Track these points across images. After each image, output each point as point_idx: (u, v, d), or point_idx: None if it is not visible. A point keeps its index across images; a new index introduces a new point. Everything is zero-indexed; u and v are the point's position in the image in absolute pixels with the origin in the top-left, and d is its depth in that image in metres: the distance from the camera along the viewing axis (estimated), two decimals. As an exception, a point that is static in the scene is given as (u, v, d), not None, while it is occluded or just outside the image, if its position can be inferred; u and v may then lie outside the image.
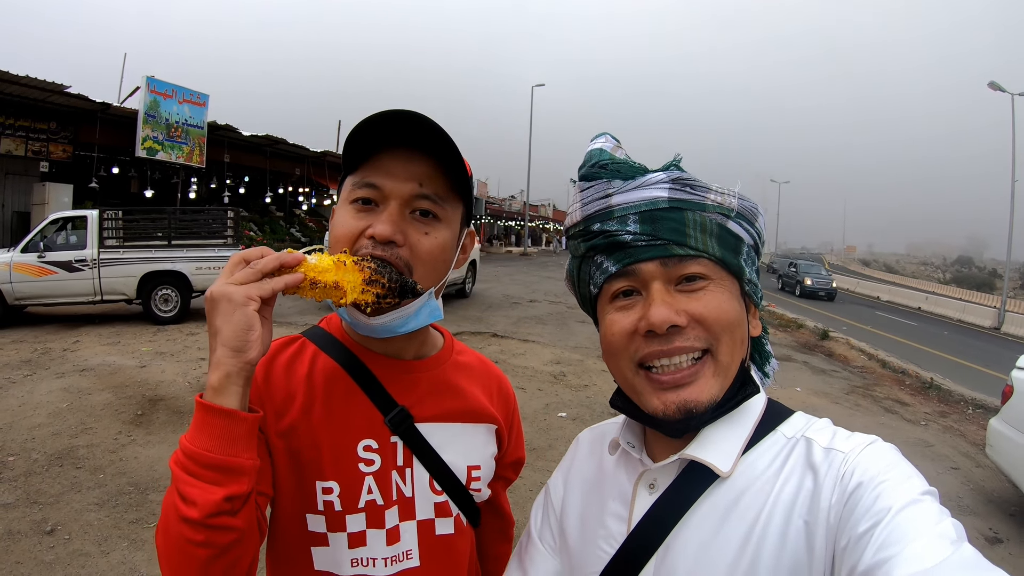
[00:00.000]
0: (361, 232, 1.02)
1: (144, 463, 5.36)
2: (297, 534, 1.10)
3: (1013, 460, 5.82)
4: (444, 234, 1.07)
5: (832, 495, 0.76)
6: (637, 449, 0.97)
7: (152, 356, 8.99)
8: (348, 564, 1.09)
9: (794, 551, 0.77)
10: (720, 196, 0.90)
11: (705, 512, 0.85)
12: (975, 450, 7.74)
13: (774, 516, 0.80)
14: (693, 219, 0.88)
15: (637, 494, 0.93)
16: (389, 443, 1.11)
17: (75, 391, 7.11)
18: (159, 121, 19.55)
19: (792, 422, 0.90)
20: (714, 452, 0.87)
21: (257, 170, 26.28)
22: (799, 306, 28.36)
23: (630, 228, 0.88)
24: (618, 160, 0.93)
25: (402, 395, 1.13)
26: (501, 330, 12.76)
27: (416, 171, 1.02)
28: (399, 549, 1.11)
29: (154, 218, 12.56)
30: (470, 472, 1.18)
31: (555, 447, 6.27)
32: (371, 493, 1.09)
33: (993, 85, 29.16)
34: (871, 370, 13.17)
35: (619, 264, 0.89)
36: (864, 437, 0.83)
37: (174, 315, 11.80)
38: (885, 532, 0.67)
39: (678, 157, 0.93)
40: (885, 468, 0.75)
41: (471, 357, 1.31)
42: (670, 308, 0.85)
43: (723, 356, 0.87)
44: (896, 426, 8.76)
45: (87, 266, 11.09)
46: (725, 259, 0.89)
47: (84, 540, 4.10)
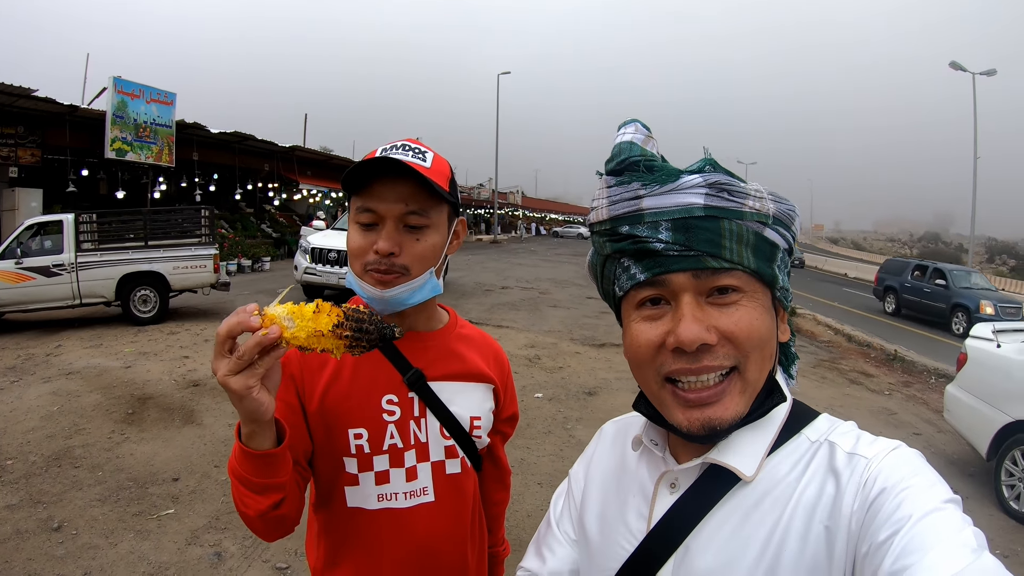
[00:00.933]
0: (369, 248, 1.32)
1: (140, 459, 5.53)
2: (333, 477, 1.41)
3: (968, 422, 6.24)
4: (432, 236, 1.36)
5: (854, 501, 0.76)
6: (660, 447, 0.96)
7: (136, 356, 9.07)
8: (375, 499, 1.40)
9: (814, 556, 0.76)
10: (758, 201, 0.85)
11: (726, 514, 0.84)
12: (936, 416, 8.12)
13: (795, 520, 0.79)
14: (729, 229, 0.83)
15: (658, 493, 0.92)
16: (407, 398, 1.41)
17: (64, 394, 7.21)
18: (127, 121, 19.37)
19: (816, 425, 0.89)
20: (738, 457, 0.86)
21: (226, 167, 26.06)
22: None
23: (662, 236, 0.83)
24: (650, 157, 0.87)
25: (416, 359, 1.43)
26: (475, 317, 12.97)
27: (402, 193, 1.31)
28: (416, 486, 1.42)
29: (128, 220, 12.51)
30: (472, 422, 1.48)
31: (533, 426, 6.59)
32: (393, 438, 1.39)
33: (954, 65, 29.47)
34: (837, 344, 13.58)
35: (648, 273, 0.84)
36: (888, 442, 0.82)
37: (153, 315, 11.78)
38: (905, 540, 0.67)
39: (709, 154, 0.89)
40: (908, 475, 0.75)
41: (472, 331, 1.61)
42: (701, 325, 0.81)
43: (751, 374, 0.84)
44: (861, 396, 9.16)
45: (65, 270, 11.05)
46: (760, 270, 0.85)
47: (91, 534, 4.28)
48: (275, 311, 1.01)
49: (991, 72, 29.99)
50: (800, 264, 38.11)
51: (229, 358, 1.00)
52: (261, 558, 4.04)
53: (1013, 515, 5.50)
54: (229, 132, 23.55)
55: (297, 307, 1.02)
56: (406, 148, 1.37)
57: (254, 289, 16.46)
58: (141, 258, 11.78)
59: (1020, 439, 5.56)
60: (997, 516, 5.52)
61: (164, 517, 4.55)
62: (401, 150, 1.36)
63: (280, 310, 1.02)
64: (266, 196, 30.42)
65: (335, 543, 1.45)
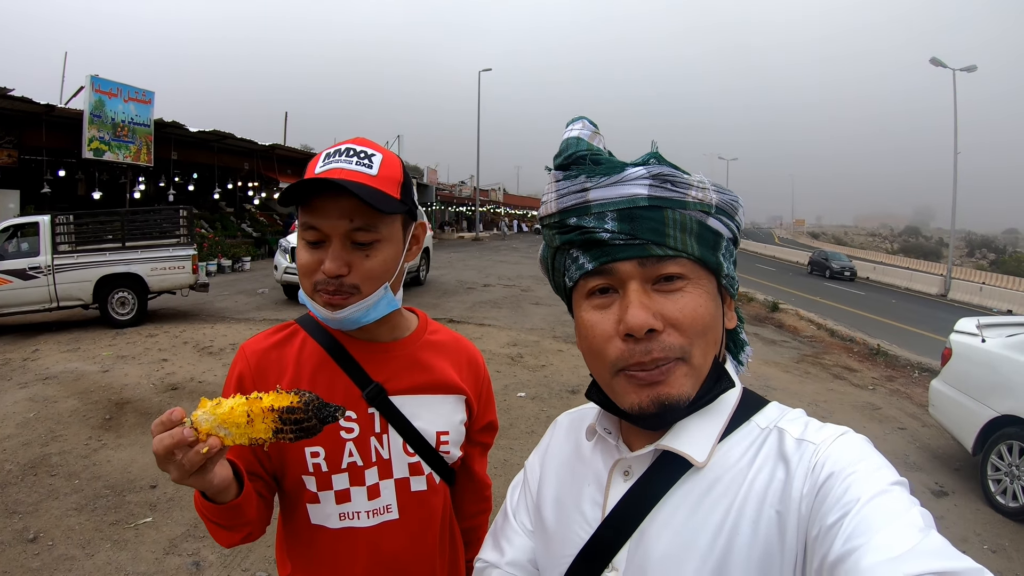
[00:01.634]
0: (317, 267, 1.25)
1: (118, 466, 5.43)
2: (295, 494, 1.36)
3: (953, 417, 6.24)
4: (383, 251, 1.28)
5: (804, 485, 0.78)
6: (614, 436, 0.97)
7: (114, 360, 8.95)
8: (336, 518, 1.35)
9: (766, 540, 0.78)
10: (701, 192, 0.88)
11: (679, 500, 0.86)
12: (920, 411, 8.15)
13: (747, 505, 0.81)
14: (673, 218, 0.86)
15: (612, 480, 0.94)
16: (367, 414, 1.34)
17: (41, 400, 7.09)
18: (105, 121, 19.13)
19: (766, 412, 0.91)
20: (689, 443, 0.87)
21: (205, 166, 25.83)
22: (749, 279, 28.92)
23: (608, 226, 0.85)
24: (596, 151, 0.90)
25: (377, 372, 1.36)
26: (457, 315, 12.95)
27: (345, 208, 1.22)
28: (379, 503, 1.36)
29: (106, 221, 12.34)
30: (439, 437, 1.40)
31: (516, 426, 6.54)
32: (352, 456, 1.33)
33: (935, 61, 29.79)
34: (820, 339, 13.63)
35: (596, 262, 0.87)
36: (835, 428, 0.84)
37: (132, 318, 11.64)
38: (854, 522, 0.69)
39: (656, 147, 0.91)
40: (855, 459, 0.77)
41: (445, 335, 1.52)
42: (647, 311, 0.83)
43: (696, 359, 0.86)
44: (845, 391, 9.17)
45: (42, 273, 10.90)
46: (704, 257, 0.87)
47: (68, 545, 4.18)
48: (205, 420, 0.97)
49: (971, 68, 30.30)
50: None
51: (175, 465, 0.99)
52: (240, 567, 3.96)
53: (1000, 509, 5.50)
54: (208, 131, 23.33)
55: (227, 411, 0.97)
56: (351, 153, 1.27)
57: (234, 289, 16.34)
58: (119, 260, 11.64)
59: (1006, 433, 5.57)
60: (984, 511, 5.51)
61: (142, 526, 4.46)
62: (345, 156, 1.26)
63: (211, 419, 0.97)
64: (246, 195, 30.20)
65: (301, 560, 1.40)
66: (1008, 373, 5.58)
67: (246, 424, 0.97)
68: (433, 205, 48.84)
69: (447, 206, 59.15)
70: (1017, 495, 5.40)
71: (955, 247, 35.54)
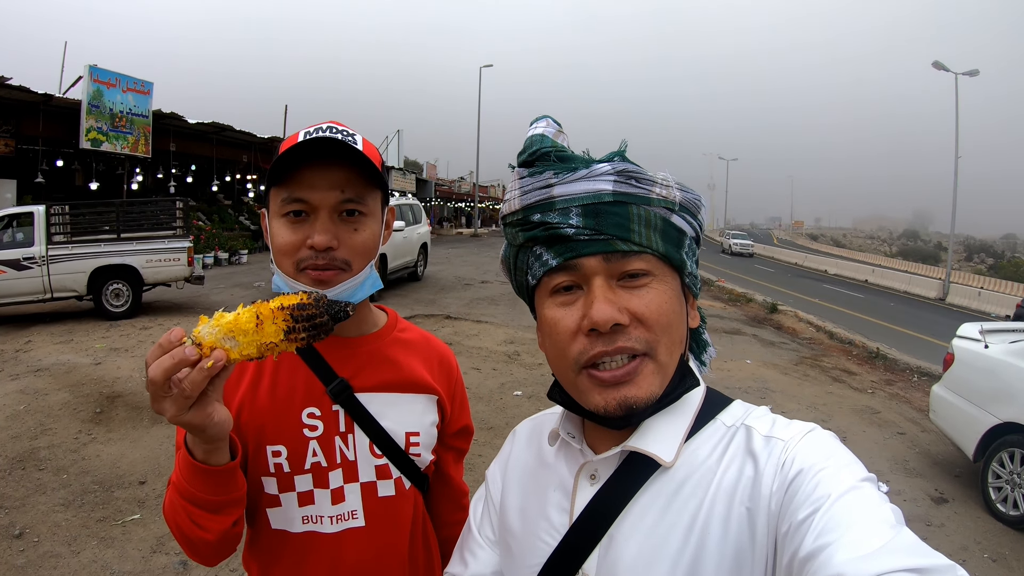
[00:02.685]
0: (302, 243, 1.17)
1: (107, 461, 5.36)
2: (255, 498, 1.26)
3: (954, 423, 6.18)
4: (371, 226, 1.24)
5: (773, 482, 0.77)
6: (577, 440, 0.96)
7: (106, 352, 8.88)
8: (299, 522, 1.26)
9: (737, 537, 0.78)
10: (665, 189, 0.88)
11: (648, 501, 0.86)
12: (920, 416, 8.07)
13: (716, 503, 0.81)
14: (638, 214, 0.86)
15: (579, 485, 0.93)
16: (331, 411, 1.27)
17: (31, 392, 7.02)
18: (103, 111, 19.00)
19: (731, 410, 0.91)
20: (656, 443, 0.87)
21: (204, 158, 25.77)
22: (748, 279, 28.91)
23: (572, 221, 0.86)
24: (561, 148, 0.91)
25: (342, 368, 1.28)
26: (454, 312, 12.89)
27: (336, 179, 1.17)
28: (344, 509, 1.27)
29: (101, 211, 12.26)
30: (408, 438, 1.32)
31: (512, 425, 6.36)
32: (316, 456, 1.26)
33: (937, 65, 29.66)
34: (819, 341, 13.57)
35: (560, 258, 0.87)
36: (803, 425, 0.84)
37: (126, 310, 11.57)
38: (825, 518, 0.68)
39: (623, 146, 0.92)
40: (825, 456, 0.77)
41: (415, 334, 1.45)
42: (613, 306, 0.83)
43: (662, 356, 0.86)
44: (844, 394, 9.08)
45: (36, 263, 10.82)
46: (668, 254, 0.88)
47: (53, 541, 4.12)
48: (209, 333, 0.90)
49: (974, 72, 30.22)
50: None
51: (172, 396, 0.91)
52: (228, 567, 3.89)
53: (1000, 517, 5.44)
54: (207, 122, 23.21)
55: (231, 320, 0.90)
56: (334, 131, 1.21)
57: (231, 283, 16.26)
58: (113, 251, 11.55)
59: (1008, 441, 5.51)
60: (984, 519, 5.46)
61: (129, 523, 4.40)
62: (329, 132, 1.20)
63: (215, 331, 0.90)
64: (244, 188, 30.13)
65: (264, 567, 1.32)
66: (1011, 380, 5.52)
67: (255, 329, 0.90)
68: (432, 200, 48.75)
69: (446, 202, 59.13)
70: (1018, 503, 5.34)
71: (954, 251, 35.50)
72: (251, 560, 1.35)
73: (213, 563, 1.20)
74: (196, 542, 1.12)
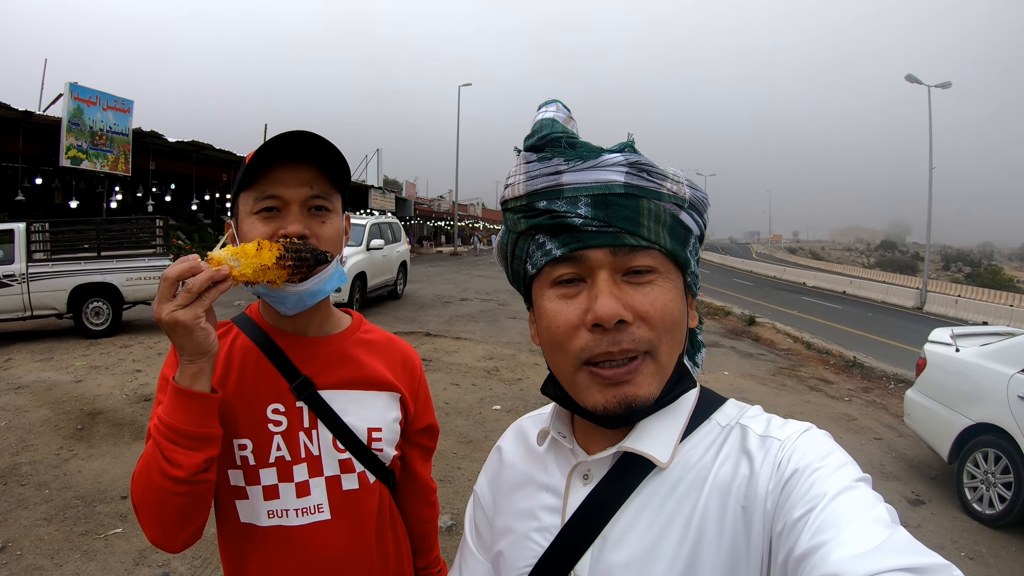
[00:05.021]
0: (274, 234, 1.24)
1: (88, 476, 5.34)
2: (224, 489, 1.33)
3: (928, 426, 6.29)
4: (336, 220, 1.33)
5: (769, 481, 0.77)
6: (569, 439, 0.95)
7: (87, 370, 8.82)
8: (265, 515, 1.32)
9: (733, 536, 0.78)
10: (676, 185, 0.87)
11: (642, 502, 0.85)
12: (896, 421, 8.16)
13: (712, 503, 0.80)
14: (648, 208, 0.84)
15: (571, 486, 0.92)
16: (295, 407, 1.33)
17: (12, 409, 6.97)
18: (83, 129, 18.93)
19: (725, 410, 0.91)
20: (652, 444, 0.86)
21: (183, 177, 25.72)
22: (727, 294, 29.10)
23: (580, 211, 0.83)
24: (572, 135, 0.88)
25: (305, 366, 1.36)
26: (434, 329, 12.90)
27: (305, 177, 1.27)
28: (310, 502, 1.33)
29: (82, 229, 12.21)
30: (370, 433, 1.38)
31: (491, 438, 6.46)
32: (280, 450, 1.32)
33: (910, 78, 30.04)
34: (796, 352, 13.69)
35: (565, 248, 0.84)
36: (799, 424, 0.84)
37: (106, 328, 11.48)
38: (820, 517, 0.68)
39: (631, 138, 0.89)
40: (820, 455, 0.76)
41: (378, 335, 1.52)
42: (617, 301, 0.81)
43: (663, 357, 0.85)
44: (821, 403, 9.20)
45: (16, 281, 10.72)
46: (675, 252, 0.86)
47: (36, 555, 4.11)
48: (220, 254, 1.09)
49: (946, 85, 30.69)
50: None
51: (176, 296, 1.05)
52: (210, 577, 3.90)
53: (976, 516, 5.53)
54: (187, 141, 23.21)
55: (239, 248, 1.10)
56: (304, 134, 1.28)
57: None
58: (94, 269, 11.46)
59: (981, 441, 5.61)
60: (960, 518, 5.55)
61: (112, 536, 4.38)
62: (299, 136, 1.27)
63: (224, 253, 1.09)
64: (223, 207, 30.05)
65: (235, 561, 1.37)
66: (982, 381, 5.63)
67: (255, 253, 1.09)
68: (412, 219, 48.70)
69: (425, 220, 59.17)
70: (993, 502, 5.44)
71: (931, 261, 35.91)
72: (224, 552, 1.40)
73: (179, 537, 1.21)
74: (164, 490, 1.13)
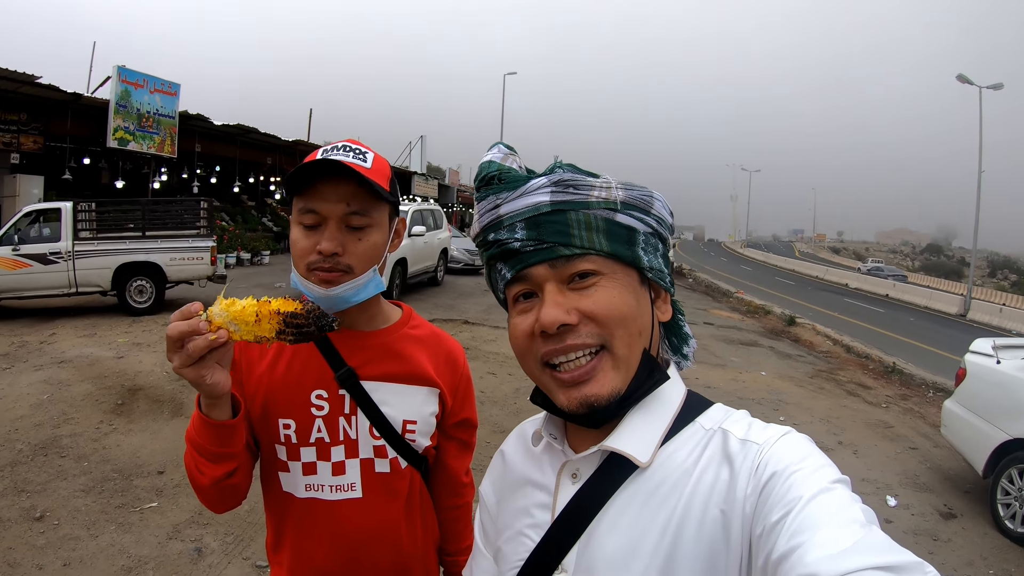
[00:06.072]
0: (312, 249, 1.35)
1: (127, 450, 5.50)
2: (270, 461, 1.48)
3: (965, 439, 6.14)
4: (374, 236, 1.40)
5: (748, 485, 0.79)
6: (559, 440, 1.00)
7: (129, 347, 9.03)
8: (303, 488, 1.46)
9: (711, 539, 0.80)
10: (604, 191, 0.92)
11: (625, 501, 0.88)
12: (933, 431, 8.01)
13: (692, 505, 0.83)
14: (576, 218, 0.90)
15: (561, 483, 0.96)
16: (338, 395, 1.45)
17: (55, 383, 7.17)
18: (130, 111, 19.24)
19: (710, 414, 0.93)
20: (633, 443, 0.90)
21: (228, 159, 25.99)
22: (768, 292, 28.82)
23: (518, 235, 0.92)
24: (507, 170, 0.96)
25: (351, 357, 1.46)
26: (472, 317, 12.97)
27: (343, 193, 1.35)
28: (344, 481, 1.46)
29: (127, 210, 12.45)
30: (405, 425, 1.49)
31: (526, 431, 6.47)
32: (320, 432, 1.44)
33: (961, 78, 29.38)
34: (836, 355, 13.52)
35: (513, 270, 0.93)
36: (779, 428, 0.85)
37: (149, 306, 11.75)
38: (797, 520, 0.70)
39: (559, 160, 0.97)
40: (798, 459, 0.78)
41: (425, 331, 1.61)
42: (560, 308, 0.88)
43: (620, 349, 0.89)
44: (858, 408, 9.07)
45: (62, 258, 11.01)
46: (616, 252, 0.91)
47: (73, 525, 4.25)
48: (219, 315, 1.10)
49: (998, 86, 29.99)
50: None
51: (180, 352, 1.10)
52: (241, 555, 4.00)
53: (1008, 534, 5.42)
54: (232, 124, 23.43)
55: (239, 310, 1.10)
56: (347, 149, 1.40)
57: (252, 283, 16.42)
58: (138, 248, 11.73)
59: (1017, 457, 5.49)
60: (991, 535, 5.44)
61: (147, 510, 4.51)
62: (342, 151, 1.39)
63: (224, 315, 1.10)
64: (268, 190, 30.40)
65: (276, 525, 1.53)
66: (1022, 396, 5.51)
67: (254, 323, 1.09)
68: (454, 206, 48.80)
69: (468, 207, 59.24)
70: (1026, 520, 5.31)
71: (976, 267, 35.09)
72: (268, 521, 1.56)
73: (219, 510, 1.43)
74: (197, 485, 1.33)
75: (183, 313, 1.11)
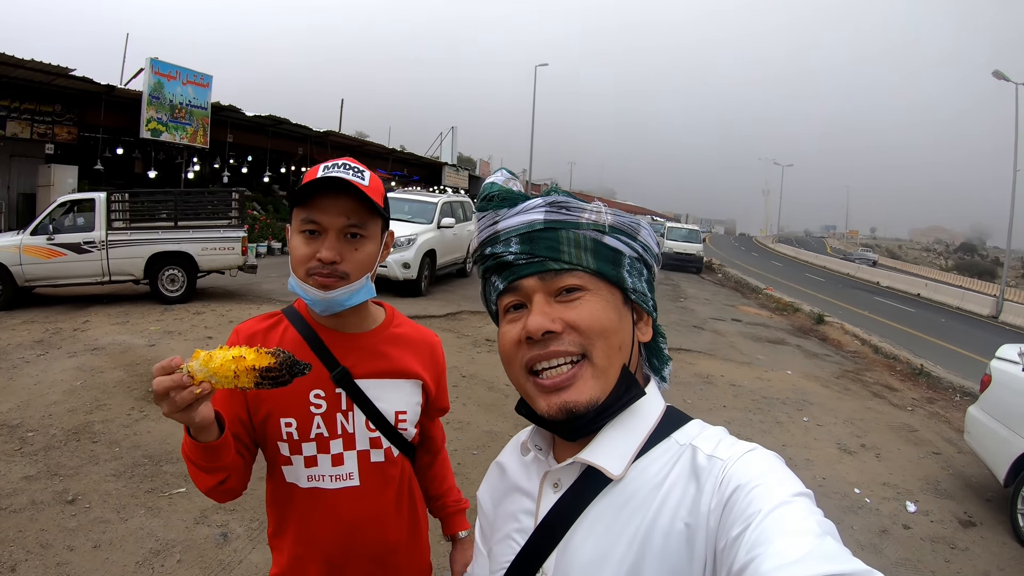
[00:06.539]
0: (312, 256, 1.50)
1: (157, 437, 5.61)
2: (272, 455, 1.64)
3: (986, 446, 6.04)
4: (369, 245, 1.56)
5: (711, 500, 0.82)
6: (544, 451, 1.06)
7: (160, 335, 9.19)
8: (305, 479, 1.61)
9: (676, 552, 0.83)
10: (594, 215, 1.00)
11: (598, 512, 0.93)
12: (958, 436, 7.88)
13: (659, 518, 0.86)
14: (567, 236, 0.98)
15: (543, 492, 1.02)
16: (334, 393, 1.60)
17: (88, 369, 7.33)
18: (163, 102, 19.52)
19: (686, 430, 0.97)
20: (606, 456, 0.94)
21: (259, 150, 26.28)
22: (798, 289, 28.55)
23: (512, 249, 0.99)
24: (507, 191, 1.04)
25: (344, 358, 1.61)
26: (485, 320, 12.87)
27: (343, 207, 1.50)
28: (343, 471, 1.62)
29: (160, 200, 12.61)
30: (397, 416, 1.67)
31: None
32: (319, 428, 1.60)
33: (997, 74, 28.77)
34: (863, 355, 13.35)
35: (505, 281, 1.00)
36: (745, 445, 0.89)
37: (181, 295, 11.92)
38: (756, 532, 0.72)
39: (554, 184, 1.09)
40: (760, 474, 0.81)
41: (408, 328, 1.79)
42: (546, 316, 0.94)
43: (599, 360, 0.94)
44: (883, 410, 8.96)
45: (95, 248, 11.21)
46: (602, 270, 0.97)
47: (104, 508, 4.36)
48: (199, 370, 1.17)
49: (1036, 82, 29.33)
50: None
51: (168, 401, 1.19)
52: (265, 541, 4.05)
53: (1028, 545, 5.31)
54: (264, 115, 23.67)
55: (218, 366, 1.17)
56: (347, 167, 1.54)
57: (282, 272, 16.57)
58: (170, 238, 11.89)
59: (1039, 467, 5.36)
60: (1010, 545, 5.34)
61: (175, 495, 4.62)
62: (342, 169, 1.53)
63: (204, 371, 1.18)
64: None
65: (279, 513, 1.68)
66: (1047, 405, 5.37)
67: (232, 378, 1.17)
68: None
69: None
70: (1046, 531, 5.20)
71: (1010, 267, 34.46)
72: (271, 507, 1.71)
73: (221, 501, 1.59)
74: (198, 487, 1.51)
75: (164, 368, 1.18)
